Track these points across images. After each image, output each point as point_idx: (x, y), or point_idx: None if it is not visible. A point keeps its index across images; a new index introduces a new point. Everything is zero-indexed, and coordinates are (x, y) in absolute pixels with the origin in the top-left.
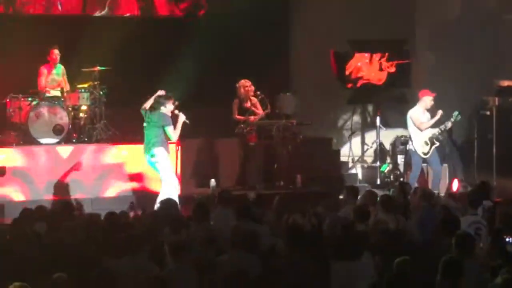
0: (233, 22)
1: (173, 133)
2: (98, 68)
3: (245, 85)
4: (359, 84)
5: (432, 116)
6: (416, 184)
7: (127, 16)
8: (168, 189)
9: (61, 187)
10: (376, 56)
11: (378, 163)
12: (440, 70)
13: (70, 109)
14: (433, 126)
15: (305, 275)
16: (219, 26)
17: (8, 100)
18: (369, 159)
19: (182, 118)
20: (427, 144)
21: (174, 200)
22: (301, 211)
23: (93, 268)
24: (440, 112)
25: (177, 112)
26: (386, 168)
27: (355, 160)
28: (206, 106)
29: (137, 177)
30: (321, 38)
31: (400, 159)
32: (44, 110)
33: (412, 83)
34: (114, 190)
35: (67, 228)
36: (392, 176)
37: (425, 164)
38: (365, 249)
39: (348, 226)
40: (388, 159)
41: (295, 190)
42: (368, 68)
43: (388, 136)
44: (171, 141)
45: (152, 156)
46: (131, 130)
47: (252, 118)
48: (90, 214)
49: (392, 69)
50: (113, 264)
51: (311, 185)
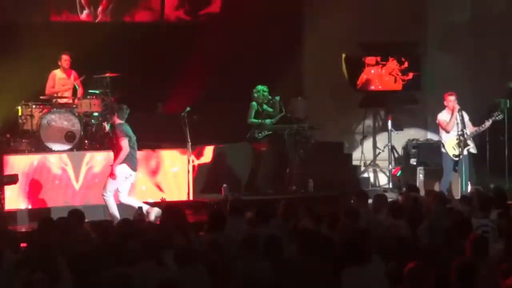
0: (246, 27)
1: None
2: (109, 74)
3: (262, 90)
4: (370, 89)
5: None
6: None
7: (138, 22)
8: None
9: (73, 194)
10: (390, 64)
11: (390, 167)
12: (452, 72)
13: (82, 116)
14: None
15: (316, 280)
16: (232, 31)
17: (19, 107)
18: (381, 163)
19: None
20: (458, 146)
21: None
22: (311, 215)
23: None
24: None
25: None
26: (396, 170)
27: (367, 164)
28: (218, 111)
29: (150, 183)
30: (333, 42)
31: (412, 162)
32: (55, 117)
33: (424, 85)
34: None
35: (80, 235)
36: (402, 180)
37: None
38: (376, 254)
39: (359, 231)
40: (400, 163)
41: (306, 194)
42: (380, 75)
43: (400, 140)
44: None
45: None
46: (143, 137)
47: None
48: (102, 221)
49: (406, 78)
50: (127, 271)
51: (323, 190)
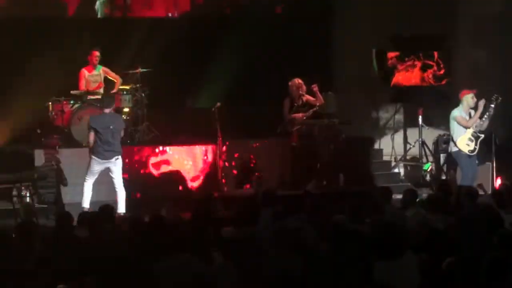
0: (275, 20)
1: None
2: (139, 70)
3: (299, 83)
4: (401, 83)
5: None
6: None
7: (168, 16)
8: None
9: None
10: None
11: (420, 162)
12: (483, 66)
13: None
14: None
15: (348, 274)
16: (261, 25)
17: (50, 103)
18: (411, 158)
19: None
20: (471, 140)
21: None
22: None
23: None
24: (482, 103)
25: None
26: (429, 167)
27: (398, 159)
28: (248, 106)
29: (180, 178)
30: (363, 36)
31: (443, 157)
32: (86, 113)
33: (454, 80)
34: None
35: (109, 230)
36: (433, 175)
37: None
38: (407, 248)
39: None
40: (431, 158)
41: (337, 189)
42: (411, 70)
43: (430, 135)
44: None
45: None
46: (173, 132)
47: (301, 115)
48: (132, 216)
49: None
50: (156, 265)
51: (353, 185)
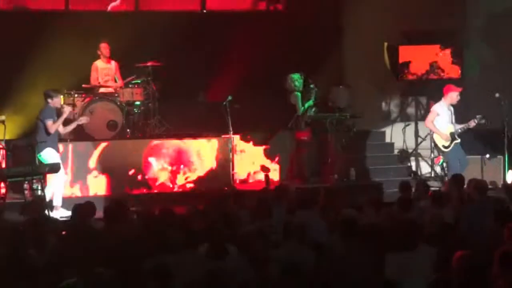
0: (285, 15)
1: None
2: (151, 63)
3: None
4: (412, 77)
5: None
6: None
7: (180, 10)
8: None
9: (118, 183)
10: (432, 53)
11: (432, 156)
12: (493, 61)
13: (124, 104)
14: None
15: (359, 267)
16: (271, 20)
17: (61, 96)
18: (423, 151)
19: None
20: (449, 138)
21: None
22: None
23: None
24: (472, 123)
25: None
26: (443, 162)
27: (409, 153)
28: (259, 99)
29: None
30: (374, 30)
31: None
32: (97, 106)
33: (465, 74)
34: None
35: (124, 223)
36: (444, 168)
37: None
38: (421, 241)
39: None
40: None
41: (348, 183)
42: (422, 64)
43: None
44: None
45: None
46: (184, 125)
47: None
48: (145, 210)
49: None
50: (169, 259)
51: (365, 178)
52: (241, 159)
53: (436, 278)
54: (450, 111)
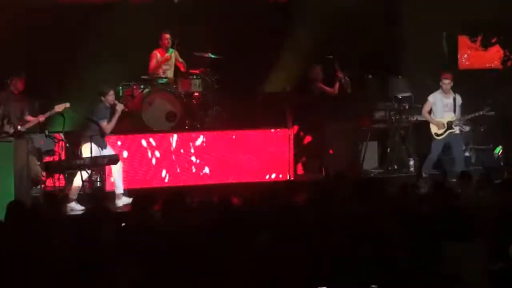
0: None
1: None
2: (209, 54)
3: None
4: (471, 67)
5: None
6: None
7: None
8: None
9: (174, 175)
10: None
11: (491, 146)
12: None
13: (183, 95)
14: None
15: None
16: (330, 11)
17: (120, 88)
18: (482, 141)
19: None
20: (443, 126)
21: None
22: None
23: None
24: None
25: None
26: (499, 150)
27: (468, 143)
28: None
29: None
30: (433, 20)
31: None
32: (156, 97)
33: None
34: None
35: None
36: (505, 159)
37: None
38: (478, 232)
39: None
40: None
41: (407, 173)
42: (481, 54)
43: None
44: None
45: None
46: (243, 116)
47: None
48: (201, 202)
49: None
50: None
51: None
52: (301, 150)
53: (500, 268)
54: (449, 99)
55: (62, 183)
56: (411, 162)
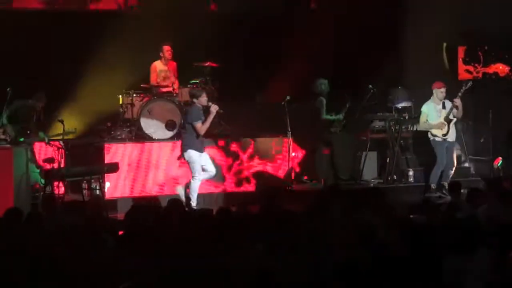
0: (343, 16)
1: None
2: (210, 63)
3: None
4: (471, 78)
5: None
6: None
7: (237, 12)
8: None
9: (172, 183)
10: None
11: (491, 156)
12: None
13: (182, 104)
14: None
15: (416, 269)
16: (329, 21)
17: (120, 96)
18: (482, 153)
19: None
20: (444, 125)
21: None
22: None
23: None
24: (450, 104)
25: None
26: (498, 160)
27: (468, 154)
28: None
29: (247, 172)
30: (433, 31)
31: None
32: (156, 106)
33: None
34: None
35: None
36: (504, 170)
37: None
38: (480, 244)
39: (460, 219)
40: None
41: (406, 183)
42: (481, 65)
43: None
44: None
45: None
46: (243, 125)
47: None
48: (202, 210)
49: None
50: (224, 259)
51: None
52: (298, 158)
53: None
54: (439, 105)
55: (62, 191)
56: (411, 173)
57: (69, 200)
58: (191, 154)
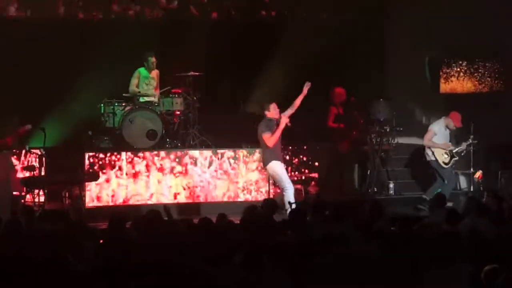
0: (329, 28)
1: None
2: (191, 73)
3: (340, 92)
4: (453, 91)
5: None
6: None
7: (220, 20)
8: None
9: (157, 192)
10: (475, 67)
11: (471, 170)
12: None
13: (164, 114)
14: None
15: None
16: (314, 32)
17: (102, 105)
18: (463, 166)
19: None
20: (447, 154)
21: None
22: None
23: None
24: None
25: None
26: (478, 174)
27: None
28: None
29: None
30: (416, 44)
31: (495, 166)
32: (138, 115)
33: (508, 90)
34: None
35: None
36: (484, 183)
37: None
38: (458, 256)
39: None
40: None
41: (387, 196)
42: (464, 78)
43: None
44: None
45: None
46: (224, 136)
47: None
48: (183, 220)
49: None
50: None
51: (404, 192)
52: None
53: None
54: (447, 131)
55: (42, 199)
56: (391, 185)
57: (49, 208)
58: (273, 165)
